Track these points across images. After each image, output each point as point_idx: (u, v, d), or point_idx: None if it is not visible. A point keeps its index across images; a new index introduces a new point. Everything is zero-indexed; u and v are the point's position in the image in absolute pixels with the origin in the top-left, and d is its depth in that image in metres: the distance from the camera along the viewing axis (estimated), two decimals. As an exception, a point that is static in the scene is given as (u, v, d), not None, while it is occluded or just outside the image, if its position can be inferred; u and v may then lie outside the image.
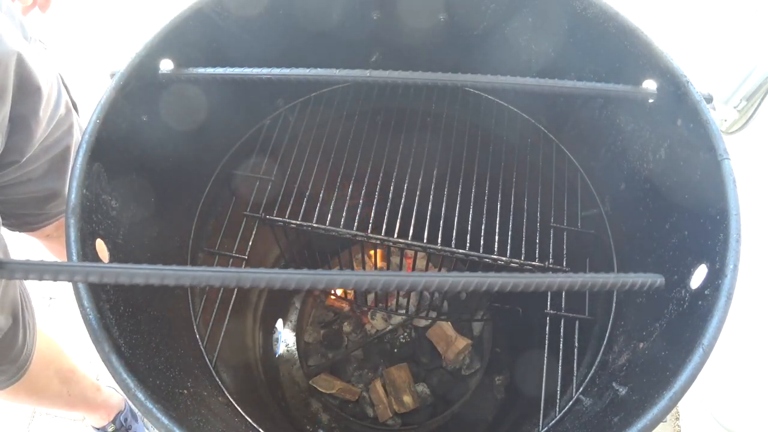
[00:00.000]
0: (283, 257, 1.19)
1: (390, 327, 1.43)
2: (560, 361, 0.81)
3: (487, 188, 0.87)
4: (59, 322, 1.71)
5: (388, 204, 0.86)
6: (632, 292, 0.80)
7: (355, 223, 0.85)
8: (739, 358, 1.16)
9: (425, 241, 0.83)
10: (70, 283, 0.58)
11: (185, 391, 0.70)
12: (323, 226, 0.85)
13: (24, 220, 1.01)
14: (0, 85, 0.69)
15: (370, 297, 1.44)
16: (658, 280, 0.56)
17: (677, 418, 1.49)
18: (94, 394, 1.30)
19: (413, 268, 1.49)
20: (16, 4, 0.85)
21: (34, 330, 0.90)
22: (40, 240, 1.17)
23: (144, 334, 0.68)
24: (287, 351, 1.44)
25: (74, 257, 0.59)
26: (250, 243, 0.91)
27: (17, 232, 1.06)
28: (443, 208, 0.85)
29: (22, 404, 1.50)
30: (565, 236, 0.87)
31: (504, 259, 0.81)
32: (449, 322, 1.40)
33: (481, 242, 0.83)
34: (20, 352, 0.86)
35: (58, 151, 0.95)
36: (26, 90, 0.75)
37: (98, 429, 1.42)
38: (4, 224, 0.97)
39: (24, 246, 1.13)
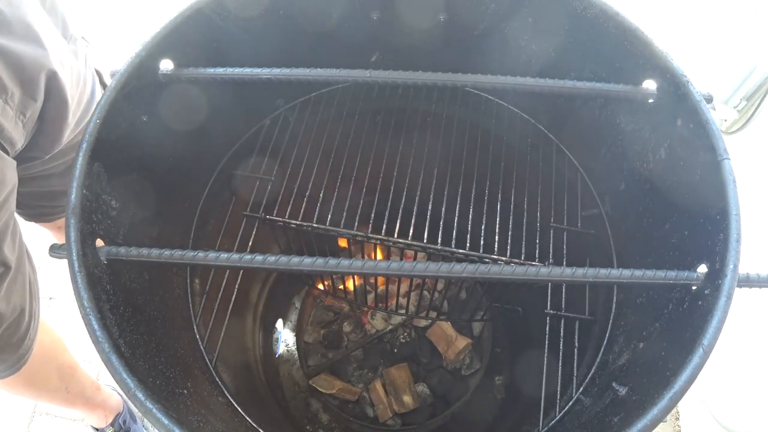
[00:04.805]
0: (283, 257, 1.19)
1: (390, 327, 1.43)
2: (560, 361, 0.81)
3: (487, 188, 0.87)
4: (59, 322, 1.70)
5: (388, 204, 0.86)
6: (635, 291, 0.80)
7: (355, 223, 0.85)
8: (739, 358, 1.16)
9: (425, 241, 0.83)
10: (70, 283, 0.58)
11: (185, 391, 0.70)
12: (323, 226, 0.85)
13: (40, 212, 1.05)
14: (31, 88, 0.69)
15: (370, 297, 1.44)
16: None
17: (677, 418, 1.49)
18: (94, 393, 1.31)
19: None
20: None
21: (37, 321, 0.90)
22: (51, 231, 1.21)
23: (144, 335, 0.68)
24: (287, 351, 1.44)
25: (74, 257, 0.59)
26: (250, 243, 0.91)
27: (30, 222, 1.10)
28: (443, 208, 0.85)
29: (21, 396, 1.50)
30: (565, 236, 0.87)
31: (504, 259, 0.81)
32: (449, 322, 1.40)
33: (481, 242, 0.83)
34: (21, 341, 0.86)
35: None
36: (55, 100, 0.76)
37: (97, 430, 1.42)
38: (21, 214, 1.01)
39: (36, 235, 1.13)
